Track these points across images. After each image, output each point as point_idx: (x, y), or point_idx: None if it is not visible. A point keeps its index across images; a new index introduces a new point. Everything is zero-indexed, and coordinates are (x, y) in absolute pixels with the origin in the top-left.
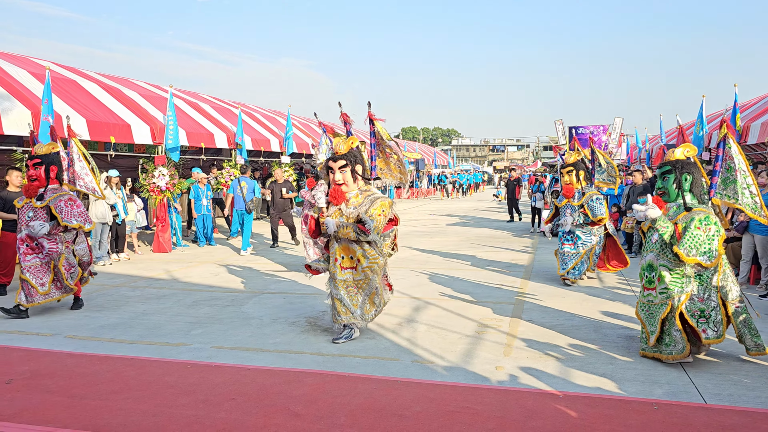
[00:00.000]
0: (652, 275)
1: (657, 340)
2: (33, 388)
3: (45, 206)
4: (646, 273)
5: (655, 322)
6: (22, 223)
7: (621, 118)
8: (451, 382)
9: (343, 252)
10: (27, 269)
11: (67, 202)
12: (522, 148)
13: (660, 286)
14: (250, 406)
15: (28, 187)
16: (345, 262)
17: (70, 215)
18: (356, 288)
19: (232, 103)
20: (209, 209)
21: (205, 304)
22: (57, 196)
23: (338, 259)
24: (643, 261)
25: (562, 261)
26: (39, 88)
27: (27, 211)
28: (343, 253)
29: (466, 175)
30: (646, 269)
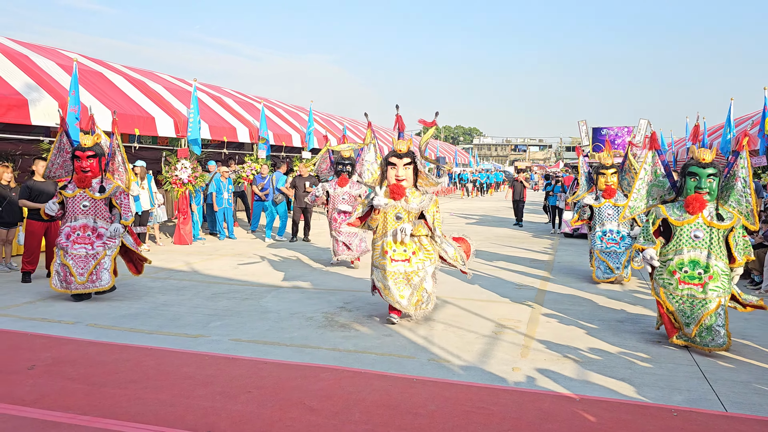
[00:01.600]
0: (698, 272)
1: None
2: (54, 375)
3: (106, 198)
4: (688, 268)
5: (698, 316)
6: (77, 212)
7: (646, 120)
8: (466, 382)
9: (396, 245)
10: (71, 257)
11: (122, 194)
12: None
13: (713, 283)
14: (266, 399)
15: (82, 178)
16: (397, 254)
17: (126, 209)
18: (405, 280)
19: (255, 98)
20: (230, 203)
21: (224, 297)
22: (115, 188)
23: (388, 252)
24: (681, 256)
25: (613, 261)
26: (66, 79)
27: (81, 200)
28: (395, 246)
29: (486, 174)
30: (688, 264)
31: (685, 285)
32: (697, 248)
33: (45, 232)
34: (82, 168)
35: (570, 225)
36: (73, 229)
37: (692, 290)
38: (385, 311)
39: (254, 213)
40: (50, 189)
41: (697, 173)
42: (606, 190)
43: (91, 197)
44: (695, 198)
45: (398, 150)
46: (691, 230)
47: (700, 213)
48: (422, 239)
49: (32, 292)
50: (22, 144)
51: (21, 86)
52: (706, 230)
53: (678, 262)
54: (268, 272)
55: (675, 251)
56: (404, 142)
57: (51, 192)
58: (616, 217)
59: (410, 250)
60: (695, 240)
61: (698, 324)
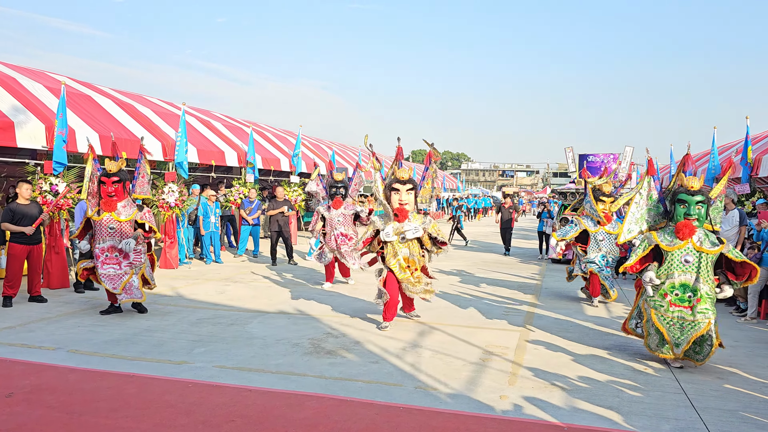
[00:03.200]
0: (688, 295)
1: (684, 352)
2: (33, 403)
3: (131, 219)
4: (678, 291)
5: (687, 337)
6: (104, 234)
7: (632, 147)
8: (454, 410)
9: (405, 261)
10: (104, 276)
11: (148, 212)
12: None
13: (700, 306)
14: (249, 428)
15: (107, 202)
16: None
17: (153, 222)
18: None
19: (244, 122)
20: (217, 227)
21: (209, 323)
22: (138, 208)
23: (402, 267)
24: (672, 280)
25: (611, 283)
26: (54, 102)
27: (109, 223)
28: (406, 263)
29: (474, 199)
30: (679, 288)
31: (675, 307)
32: (687, 272)
33: (27, 256)
34: (108, 193)
35: (557, 251)
36: (102, 251)
37: (682, 312)
38: (371, 338)
39: (242, 237)
40: (33, 212)
41: (686, 200)
42: (606, 217)
43: (117, 220)
44: (685, 225)
45: (401, 177)
46: (681, 255)
47: (689, 238)
48: (421, 261)
49: (13, 317)
50: (6, 166)
51: (7, 109)
52: (695, 255)
53: (669, 285)
54: (253, 297)
55: (667, 275)
56: (406, 170)
57: (34, 215)
58: (607, 243)
59: (413, 266)
60: (686, 264)
61: (688, 344)
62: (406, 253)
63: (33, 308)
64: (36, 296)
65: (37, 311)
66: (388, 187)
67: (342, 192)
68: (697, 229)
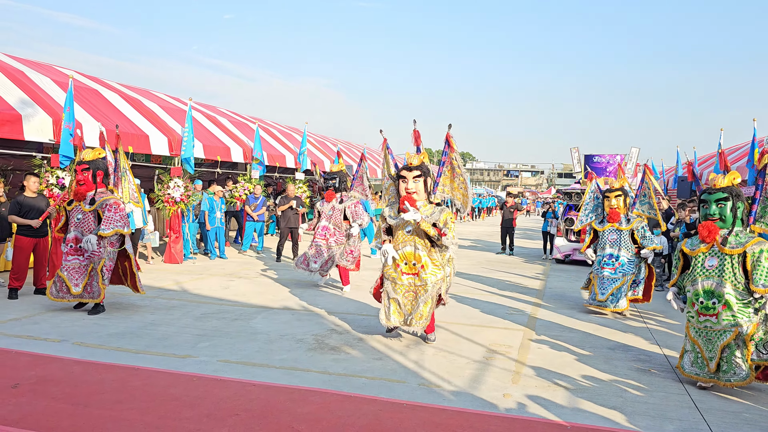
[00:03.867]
0: (712, 301)
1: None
2: (38, 394)
3: (94, 210)
4: (703, 298)
5: (715, 348)
6: (71, 225)
7: (637, 148)
8: (457, 408)
9: (407, 257)
10: (66, 268)
11: (111, 207)
12: (536, 174)
13: (726, 313)
14: (253, 422)
15: (77, 191)
16: (407, 267)
17: (110, 222)
18: (414, 294)
19: (250, 118)
20: (222, 222)
21: (214, 317)
22: (103, 200)
23: (400, 265)
24: (696, 286)
25: (601, 286)
26: (61, 96)
27: (76, 213)
28: (406, 259)
29: (479, 199)
30: (704, 295)
31: (702, 317)
32: (710, 277)
33: (33, 248)
34: (78, 181)
35: (561, 251)
36: (67, 242)
37: (708, 321)
38: (375, 335)
39: (246, 233)
40: (41, 205)
41: (706, 200)
42: (610, 214)
43: (82, 209)
44: (704, 226)
45: (410, 163)
46: (704, 259)
47: (714, 240)
48: (432, 253)
49: (18, 309)
50: (14, 159)
51: (15, 102)
52: (719, 257)
53: (694, 292)
54: (257, 293)
55: (691, 282)
56: (418, 156)
57: (42, 208)
58: (618, 242)
59: (419, 264)
60: (709, 269)
61: (718, 358)
62: (410, 248)
63: (38, 300)
64: (42, 288)
65: (42, 303)
66: (397, 176)
67: (334, 184)
68: (719, 230)
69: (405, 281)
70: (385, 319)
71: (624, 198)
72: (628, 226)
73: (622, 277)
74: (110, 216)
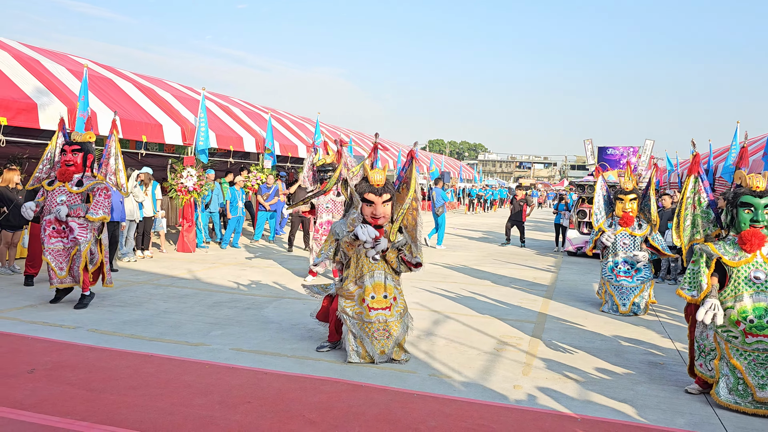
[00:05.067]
0: (767, 320)
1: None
2: (54, 379)
3: (83, 192)
4: (753, 317)
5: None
6: (52, 205)
7: (652, 141)
8: (467, 399)
9: (375, 290)
10: (49, 251)
11: (101, 192)
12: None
13: None
14: (265, 410)
15: (63, 171)
16: (376, 302)
17: (99, 206)
18: (386, 334)
19: (263, 108)
20: (243, 212)
21: (226, 306)
22: (95, 184)
23: (366, 299)
24: (741, 303)
25: (620, 296)
26: (76, 84)
27: (59, 194)
28: (374, 292)
29: (491, 190)
30: (753, 312)
31: (753, 338)
32: (760, 292)
33: None
34: (67, 161)
35: (573, 243)
36: (48, 223)
37: (762, 343)
38: None
39: (258, 223)
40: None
41: (752, 204)
42: (623, 218)
43: (68, 191)
44: (753, 233)
45: (376, 184)
46: (749, 271)
47: (758, 250)
48: (399, 281)
49: (34, 296)
50: (29, 148)
51: (31, 90)
52: (765, 271)
53: (741, 310)
54: (269, 282)
55: (734, 297)
56: (381, 171)
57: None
58: (631, 247)
59: (391, 295)
60: (756, 282)
61: None
62: (381, 277)
63: None
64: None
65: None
66: (360, 195)
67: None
68: (767, 238)
69: (374, 317)
70: (351, 359)
71: (638, 201)
72: (641, 232)
73: (641, 284)
74: (100, 200)
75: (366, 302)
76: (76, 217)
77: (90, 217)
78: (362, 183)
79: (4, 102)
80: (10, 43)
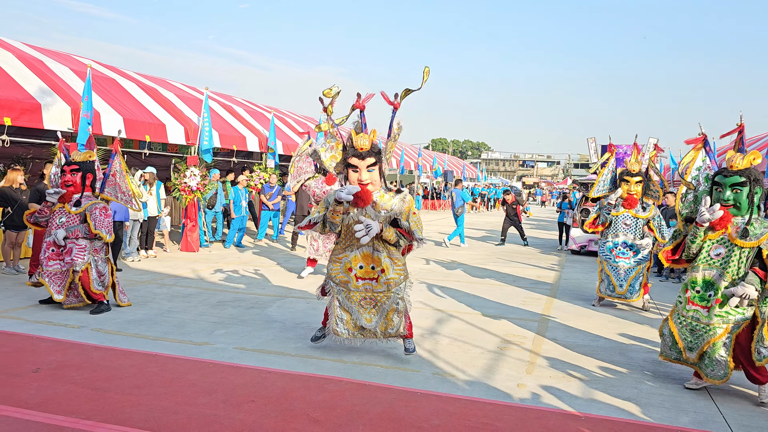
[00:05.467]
0: (709, 293)
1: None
2: (59, 379)
3: (81, 213)
4: (699, 288)
5: (698, 342)
6: (52, 227)
7: (655, 139)
8: (471, 397)
9: (363, 260)
10: (47, 273)
11: (101, 211)
12: (552, 164)
13: (718, 308)
14: (269, 409)
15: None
16: (364, 272)
17: (102, 225)
18: (372, 303)
19: (265, 108)
20: (247, 212)
21: (230, 305)
22: (92, 204)
23: (353, 269)
24: (695, 273)
25: (617, 277)
26: (80, 85)
27: (59, 216)
28: (362, 262)
29: (494, 189)
30: (701, 285)
31: (692, 305)
32: (713, 267)
33: None
34: (66, 182)
35: (577, 242)
36: (48, 245)
37: (698, 313)
38: None
39: (262, 222)
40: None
41: (720, 183)
42: (627, 199)
43: (68, 212)
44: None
45: (359, 147)
46: (712, 247)
47: (725, 228)
48: (393, 252)
49: (38, 296)
50: (33, 148)
51: (35, 91)
52: (727, 247)
53: (691, 279)
54: (273, 281)
55: (692, 267)
56: (366, 136)
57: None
58: (633, 229)
59: (379, 267)
60: (714, 259)
61: (701, 350)
62: (369, 248)
63: None
64: None
65: None
66: (344, 161)
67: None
68: (732, 217)
69: (361, 287)
70: (336, 327)
71: (643, 183)
72: (645, 214)
73: (637, 265)
74: (101, 219)
75: (353, 271)
76: (74, 238)
77: (103, 236)
78: (348, 149)
79: (8, 102)
80: (14, 44)
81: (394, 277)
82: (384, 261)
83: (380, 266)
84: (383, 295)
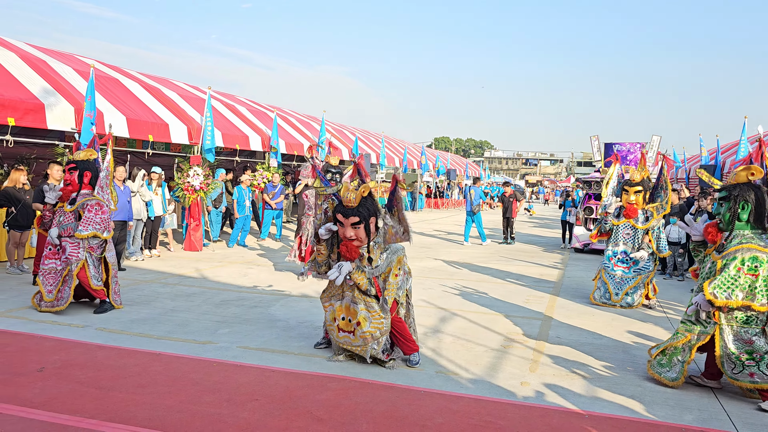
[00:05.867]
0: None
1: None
2: (63, 378)
3: (74, 210)
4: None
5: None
6: (54, 226)
7: (659, 137)
8: (474, 395)
9: (345, 312)
10: (42, 273)
11: (92, 208)
12: (555, 162)
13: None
14: (273, 407)
15: (63, 191)
16: (344, 323)
17: (89, 222)
18: (352, 350)
19: (268, 107)
20: (251, 211)
21: (233, 304)
22: (84, 201)
23: (336, 319)
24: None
25: (614, 285)
26: (83, 85)
27: (60, 215)
28: (344, 313)
29: (497, 187)
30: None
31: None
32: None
33: None
34: (65, 181)
35: (580, 240)
36: (47, 244)
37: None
38: None
39: (264, 221)
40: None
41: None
42: (627, 209)
43: (65, 210)
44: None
45: (346, 202)
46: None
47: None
48: (371, 304)
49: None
50: (37, 148)
51: (38, 91)
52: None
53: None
54: (276, 280)
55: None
56: (354, 192)
57: None
58: (632, 239)
59: (354, 320)
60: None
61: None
62: (348, 299)
63: None
64: None
65: None
66: (333, 214)
67: (337, 179)
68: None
69: (341, 339)
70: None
71: (643, 193)
72: (645, 225)
73: (636, 276)
74: (90, 217)
75: (336, 322)
76: (67, 236)
77: (78, 234)
78: (337, 203)
79: (12, 102)
80: (17, 44)
81: (371, 330)
82: (360, 313)
83: (356, 319)
84: (360, 349)
